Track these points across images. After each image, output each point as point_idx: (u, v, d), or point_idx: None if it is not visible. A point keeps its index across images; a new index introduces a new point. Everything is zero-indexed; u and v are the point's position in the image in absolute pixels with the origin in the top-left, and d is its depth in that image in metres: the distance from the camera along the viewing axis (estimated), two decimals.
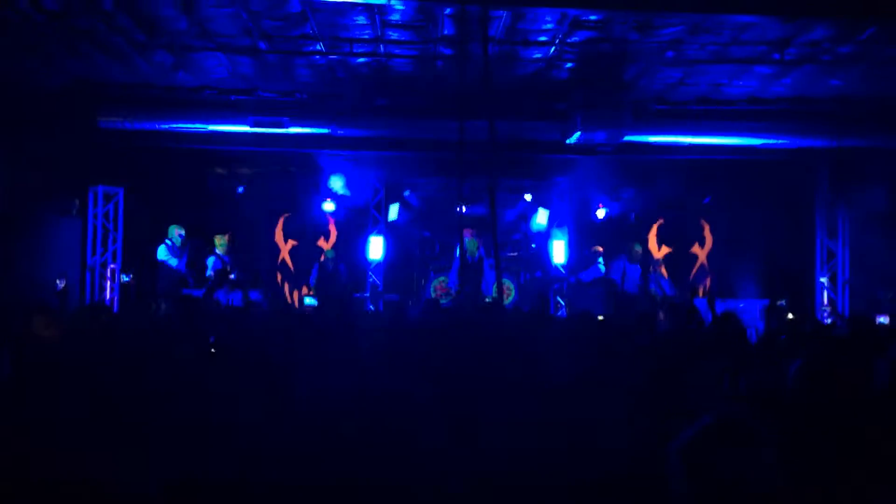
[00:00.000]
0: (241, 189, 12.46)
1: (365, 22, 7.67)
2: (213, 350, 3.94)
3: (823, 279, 12.51)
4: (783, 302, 9.91)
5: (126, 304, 10.91)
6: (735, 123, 10.56)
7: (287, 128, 10.19)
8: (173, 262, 10.66)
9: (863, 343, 5.94)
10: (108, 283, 11.22)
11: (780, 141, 10.76)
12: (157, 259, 10.73)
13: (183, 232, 10.82)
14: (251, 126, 10.15)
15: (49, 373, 3.19)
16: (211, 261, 10.99)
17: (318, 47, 8.41)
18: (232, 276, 10.57)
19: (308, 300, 10.77)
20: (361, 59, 8.84)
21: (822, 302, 12.42)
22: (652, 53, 8.57)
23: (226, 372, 3.15)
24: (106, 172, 11.25)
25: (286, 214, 13.24)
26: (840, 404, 3.15)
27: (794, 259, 12.36)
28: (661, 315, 7.12)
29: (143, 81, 9.76)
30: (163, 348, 3.91)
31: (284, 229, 13.29)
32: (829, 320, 11.16)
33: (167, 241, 10.73)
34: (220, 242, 10.96)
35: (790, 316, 8.38)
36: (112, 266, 11.25)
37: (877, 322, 8.09)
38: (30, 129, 9.49)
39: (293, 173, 12.50)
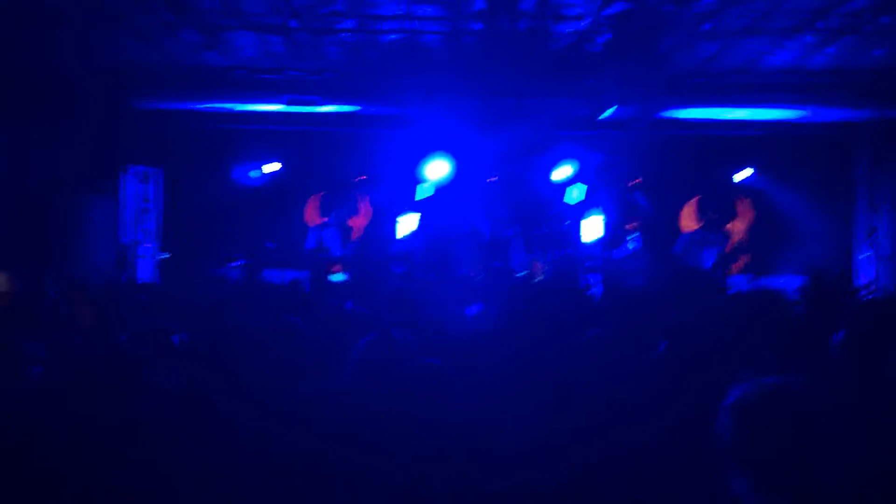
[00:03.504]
0: (273, 167, 12.48)
1: None
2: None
3: (866, 255, 12.21)
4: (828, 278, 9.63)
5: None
6: (775, 95, 10.27)
7: (319, 106, 10.19)
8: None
9: None
10: (145, 261, 11.39)
11: (821, 111, 10.46)
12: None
13: None
14: (286, 104, 10.16)
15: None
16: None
17: (348, 24, 8.33)
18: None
19: (337, 276, 10.81)
20: (392, 37, 8.75)
21: (865, 278, 12.14)
22: (688, 25, 8.35)
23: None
24: (143, 153, 11.40)
25: (319, 193, 13.25)
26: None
27: (835, 236, 12.09)
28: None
29: (174, 62, 9.78)
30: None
31: (316, 208, 13.31)
32: (870, 296, 10.90)
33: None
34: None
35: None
36: (148, 245, 11.42)
37: None
38: (66, 115, 9.63)
39: (323, 152, 12.50)
